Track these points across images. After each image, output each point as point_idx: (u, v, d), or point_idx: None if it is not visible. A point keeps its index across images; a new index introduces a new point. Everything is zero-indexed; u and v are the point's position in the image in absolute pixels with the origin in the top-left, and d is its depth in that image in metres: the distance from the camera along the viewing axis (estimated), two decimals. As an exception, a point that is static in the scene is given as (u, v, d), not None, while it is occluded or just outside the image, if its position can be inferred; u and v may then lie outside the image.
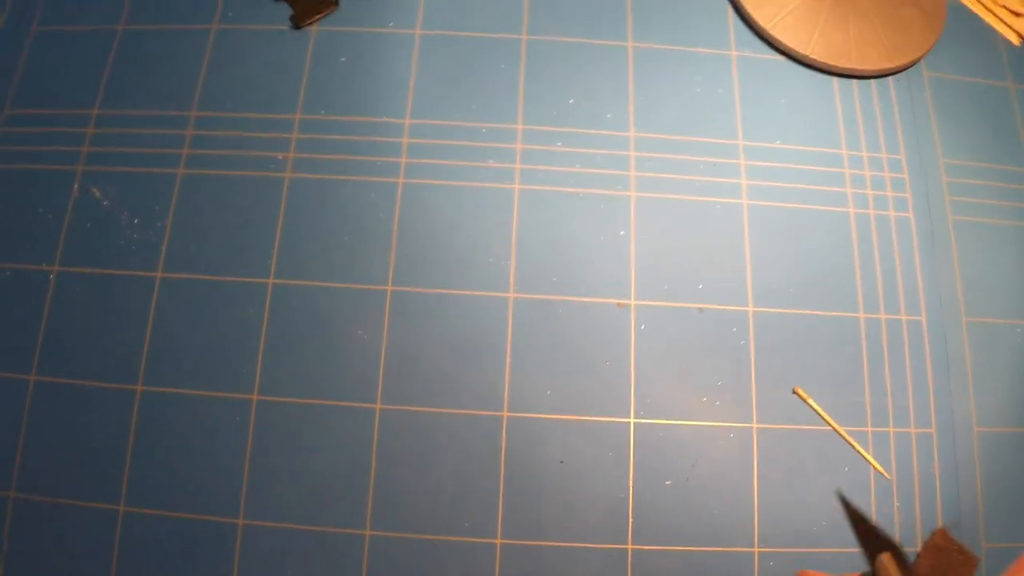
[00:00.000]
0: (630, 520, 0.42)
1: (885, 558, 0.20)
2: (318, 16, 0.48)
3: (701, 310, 0.44)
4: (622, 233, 0.45)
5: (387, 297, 0.44)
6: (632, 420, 0.43)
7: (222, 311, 0.44)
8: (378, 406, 0.43)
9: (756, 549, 0.42)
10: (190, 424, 0.43)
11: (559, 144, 0.46)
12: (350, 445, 0.42)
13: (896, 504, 0.44)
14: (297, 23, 0.48)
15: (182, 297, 0.45)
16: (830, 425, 0.43)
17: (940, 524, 0.44)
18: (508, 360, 0.43)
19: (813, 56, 0.48)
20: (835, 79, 0.50)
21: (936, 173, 0.48)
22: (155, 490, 0.42)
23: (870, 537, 0.19)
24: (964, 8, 0.52)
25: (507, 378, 0.43)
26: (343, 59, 0.48)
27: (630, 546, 0.42)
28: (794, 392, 0.44)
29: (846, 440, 0.43)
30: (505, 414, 0.42)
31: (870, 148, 0.48)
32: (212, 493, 0.42)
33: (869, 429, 0.44)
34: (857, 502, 0.43)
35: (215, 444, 0.43)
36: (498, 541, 0.40)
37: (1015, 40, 0.52)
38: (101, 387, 0.43)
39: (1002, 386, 0.46)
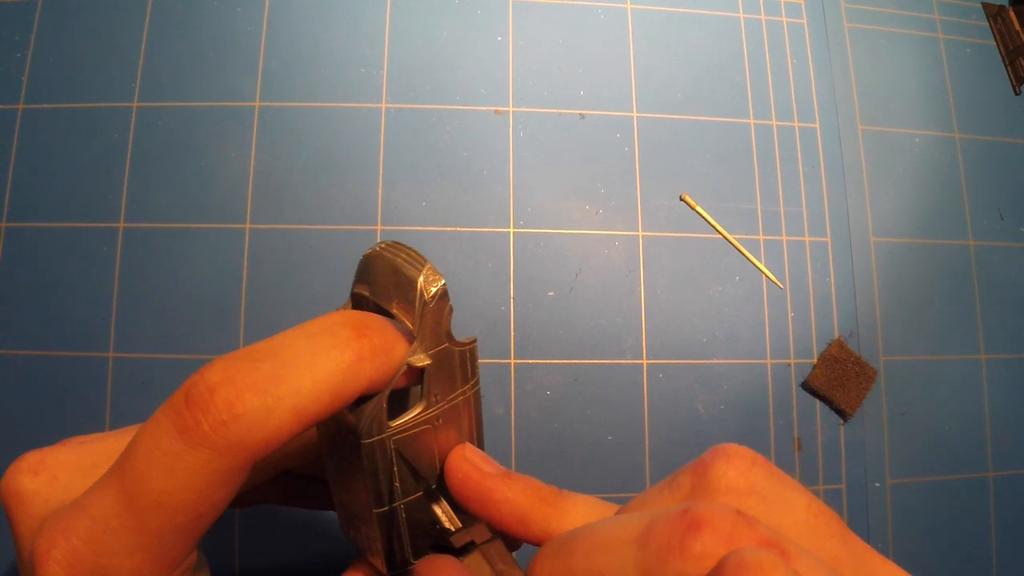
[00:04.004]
0: (512, 333, 0.40)
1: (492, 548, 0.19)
2: None
3: (583, 116, 0.42)
4: (499, 39, 0.43)
5: (255, 113, 0.42)
6: (511, 230, 0.41)
7: (85, 140, 0.42)
8: (247, 226, 0.41)
9: (645, 361, 0.41)
10: (57, 258, 0.41)
11: (432, -51, 0.44)
12: (220, 268, 0.40)
13: (790, 314, 0.42)
14: None
15: (44, 128, 0.42)
16: (719, 233, 0.42)
17: (836, 335, 0.43)
18: (381, 173, 0.41)
19: None
20: None
21: (831, -20, 0.46)
22: (23, 330, 0.40)
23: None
24: None
25: (380, 191, 0.41)
26: None
27: (513, 360, 0.40)
28: (681, 199, 0.42)
29: (736, 248, 0.42)
30: (379, 228, 0.41)
31: (762, -47, 0.46)
32: (81, 328, 0.40)
33: (761, 237, 0.42)
34: (750, 311, 0.42)
35: (82, 277, 0.41)
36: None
37: None
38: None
39: (899, 196, 0.44)
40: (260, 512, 0.38)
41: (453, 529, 0.18)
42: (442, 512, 0.19)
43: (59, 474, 0.16)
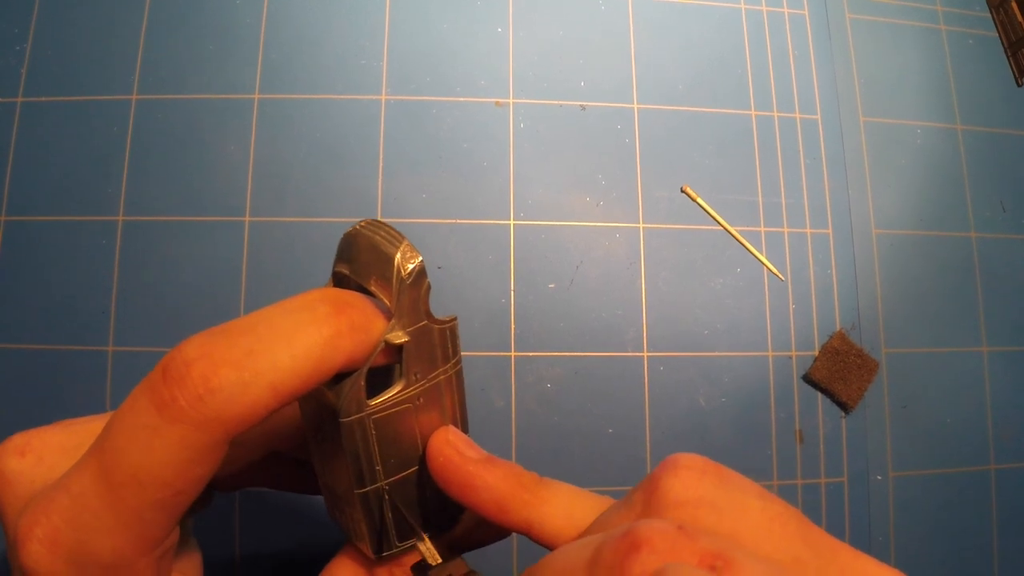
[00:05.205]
0: (512, 326, 0.40)
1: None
2: None
3: (583, 107, 0.42)
4: (499, 30, 0.43)
5: (254, 106, 0.42)
6: (512, 222, 0.41)
7: (84, 132, 0.42)
8: (247, 219, 0.41)
9: (646, 353, 0.41)
10: (56, 252, 0.41)
11: (432, -60, 0.43)
12: (220, 261, 0.40)
13: (792, 306, 0.42)
14: None
15: (43, 121, 0.42)
16: (721, 224, 0.42)
17: (838, 327, 0.42)
18: (381, 165, 0.41)
19: None
20: None
21: (833, -29, 0.46)
22: (22, 324, 0.40)
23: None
24: None
25: (380, 183, 0.41)
26: None
27: (513, 353, 0.40)
28: (682, 191, 0.42)
29: (737, 240, 0.42)
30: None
31: (763, -56, 0.46)
32: (80, 322, 0.40)
33: (762, 229, 0.42)
34: (751, 303, 0.42)
35: (81, 271, 0.40)
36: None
37: None
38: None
39: (901, 188, 0.44)
40: (261, 498, 0.38)
41: (433, 564, 0.19)
42: (424, 548, 0.19)
43: (45, 455, 0.16)
